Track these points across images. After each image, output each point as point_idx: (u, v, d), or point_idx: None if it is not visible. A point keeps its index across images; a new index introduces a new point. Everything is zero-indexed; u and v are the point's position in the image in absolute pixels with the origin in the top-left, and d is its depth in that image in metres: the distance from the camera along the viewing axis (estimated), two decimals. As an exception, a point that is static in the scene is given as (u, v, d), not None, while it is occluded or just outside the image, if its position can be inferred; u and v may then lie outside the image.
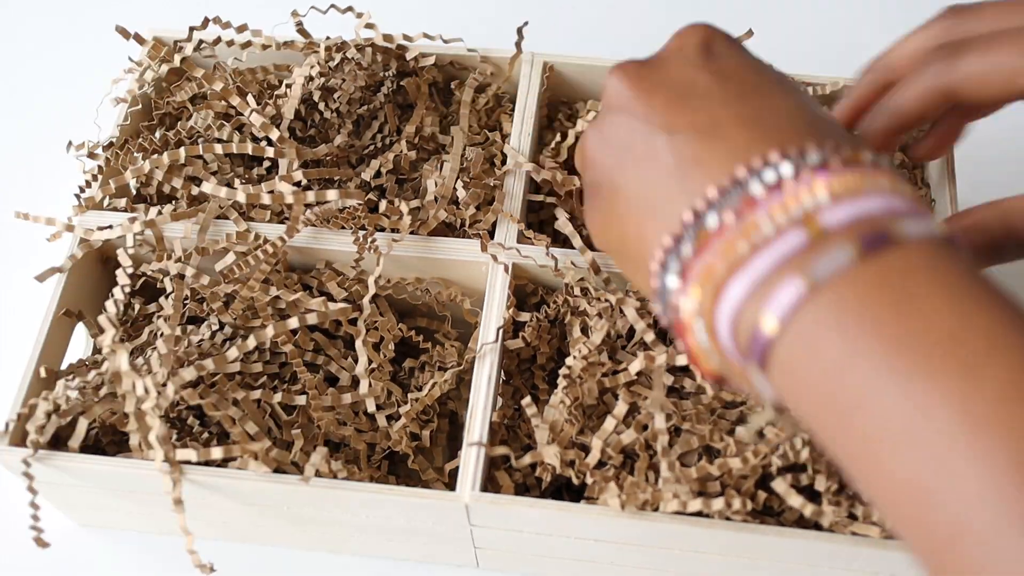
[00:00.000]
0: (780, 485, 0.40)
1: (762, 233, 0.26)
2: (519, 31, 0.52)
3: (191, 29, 0.53)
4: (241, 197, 0.47)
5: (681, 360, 0.43)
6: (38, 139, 0.64)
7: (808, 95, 0.33)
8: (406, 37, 0.53)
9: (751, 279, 0.26)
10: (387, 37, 0.53)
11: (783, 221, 0.26)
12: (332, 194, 0.46)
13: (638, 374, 0.43)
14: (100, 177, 0.50)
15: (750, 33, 0.51)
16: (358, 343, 0.45)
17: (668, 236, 0.29)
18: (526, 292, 0.48)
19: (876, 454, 0.24)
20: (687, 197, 0.29)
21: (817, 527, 0.41)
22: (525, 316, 0.46)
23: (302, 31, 0.53)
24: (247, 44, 0.53)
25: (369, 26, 0.52)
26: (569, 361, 0.44)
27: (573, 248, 0.47)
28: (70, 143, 0.50)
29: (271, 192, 0.47)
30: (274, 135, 0.49)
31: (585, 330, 0.46)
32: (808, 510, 0.40)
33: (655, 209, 0.31)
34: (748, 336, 0.27)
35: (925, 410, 0.23)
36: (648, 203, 0.31)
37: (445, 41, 0.53)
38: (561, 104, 0.55)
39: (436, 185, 0.49)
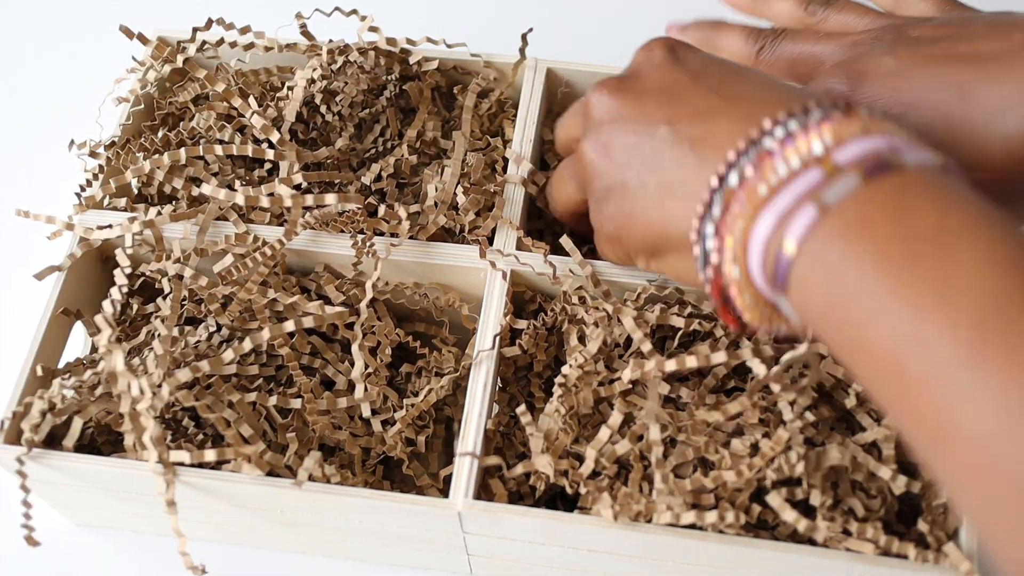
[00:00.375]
0: (775, 499, 0.40)
1: (779, 175, 0.29)
2: (523, 37, 0.52)
3: (194, 30, 0.53)
4: (240, 199, 0.47)
5: (672, 366, 0.42)
6: (38, 139, 0.64)
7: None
8: (409, 41, 0.53)
9: (775, 215, 0.29)
10: (390, 41, 0.53)
11: (797, 164, 0.29)
12: (331, 198, 0.46)
13: (634, 383, 0.43)
14: (101, 176, 0.50)
15: None
16: (354, 348, 0.45)
17: (699, 204, 0.32)
18: (524, 299, 0.48)
19: (871, 341, 0.27)
20: (707, 169, 0.32)
21: (811, 542, 0.41)
22: (522, 323, 0.46)
23: (306, 33, 0.53)
24: (250, 46, 0.53)
25: (372, 29, 0.52)
26: (565, 370, 0.44)
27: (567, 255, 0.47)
28: (72, 142, 0.50)
29: (270, 195, 0.47)
30: (275, 137, 0.49)
31: (582, 339, 0.45)
32: (802, 525, 0.40)
33: (676, 189, 0.34)
34: (773, 266, 0.30)
35: (911, 294, 0.26)
36: (668, 187, 0.34)
37: (448, 46, 0.53)
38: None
39: (436, 190, 0.49)
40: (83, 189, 0.50)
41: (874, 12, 0.45)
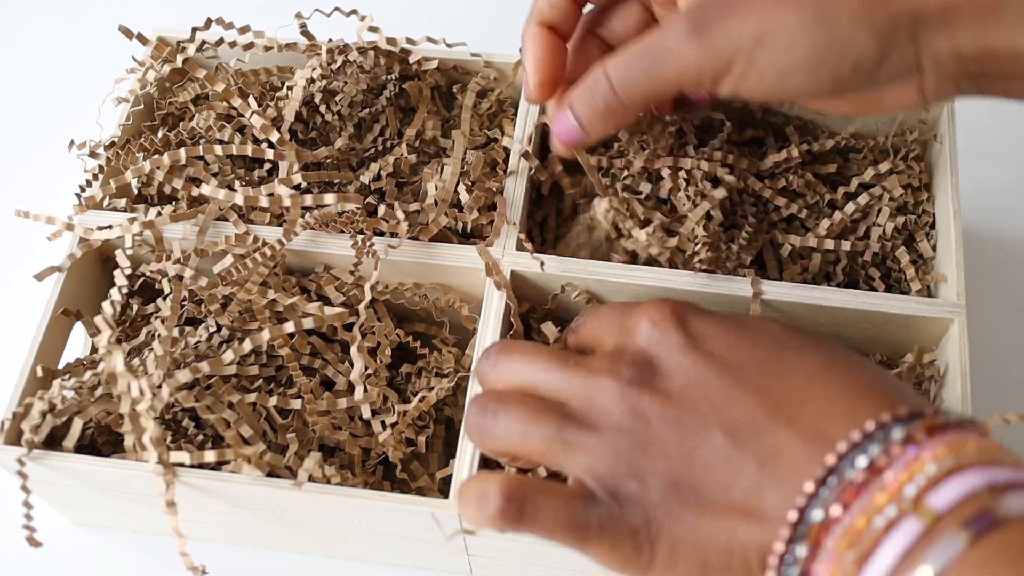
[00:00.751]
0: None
1: (876, 527, 0.27)
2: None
3: (194, 30, 0.53)
4: (239, 199, 0.47)
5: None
6: (39, 139, 0.65)
7: (818, 345, 0.32)
8: (409, 41, 0.53)
9: (880, 573, 0.26)
10: (390, 40, 0.53)
11: (893, 512, 0.27)
12: (330, 198, 0.46)
13: None
14: (101, 177, 0.50)
15: None
16: (353, 349, 0.45)
17: (780, 542, 0.28)
18: (525, 299, 0.48)
19: None
20: (783, 495, 0.29)
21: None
22: (551, 331, 0.46)
23: (306, 33, 0.53)
24: (249, 45, 0.53)
25: (372, 29, 0.52)
26: None
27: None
28: (72, 142, 0.50)
29: (270, 195, 0.47)
30: (274, 137, 0.49)
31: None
32: None
33: (744, 515, 0.30)
34: None
35: None
36: (733, 511, 0.30)
37: (448, 45, 0.53)
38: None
39: (436, 188, 0.49)
40: (83, 189, 0.50)
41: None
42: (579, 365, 0.34)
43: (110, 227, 0.48)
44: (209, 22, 0.52)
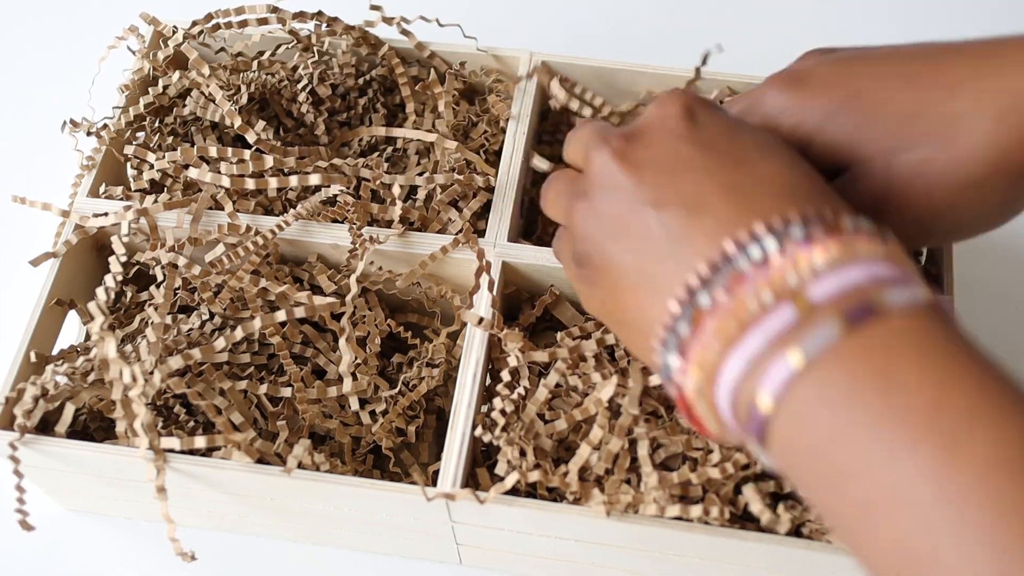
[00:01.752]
0: (749, 490, 0.41)
1: (751, 311, 0.28)
2: (531, 68, 0.52)
3: (193, 23, 0.53)
4: (225, 181, 0.47)
5: (655, 380, 0.42)
6: (33, 127, 0.65)
7: (789, 151, 0.33)
8: (404, 32, 0.53)
9: (745, 358, 0.27)
10: (386, 20, 0.53)
11: (770, 299, 0.27)
12: (315, 178, 0.47)
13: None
14: (96, 165, 0.50)
15: (720, 48, 0.50)
16: (342, 341, 0.45)
17: (667, 315, 0.30)
18: (520, 299, 0.49)
19: (866, 522, 0.25)
20: (680, 272, 0.30)
21: (798, 535, 0.41)
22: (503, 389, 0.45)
23: (293, 32, 0.53)
24: (244, 24, 0.53)
25: (375, 8, 0.52)
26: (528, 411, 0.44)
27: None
28: (64, 123, 0.50)
29: (259, 175, 0.47)
30: (251, 137, 0.49)
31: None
32: (765, 517, 0.40)
33: (652, 283, 0.32)
34: (746, 413, 0.28)
35: (909, 483, 0.24)
36: (645, 277, 0.32)
37: (441, 25, 0.53)
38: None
39: (428, 182, 0.50)
40: (79, 178, 0.50)
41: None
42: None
43: (106, 214, 0.48)
44: (209, 16, 0.52)
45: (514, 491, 0.42)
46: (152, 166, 0.50)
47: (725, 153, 0.33)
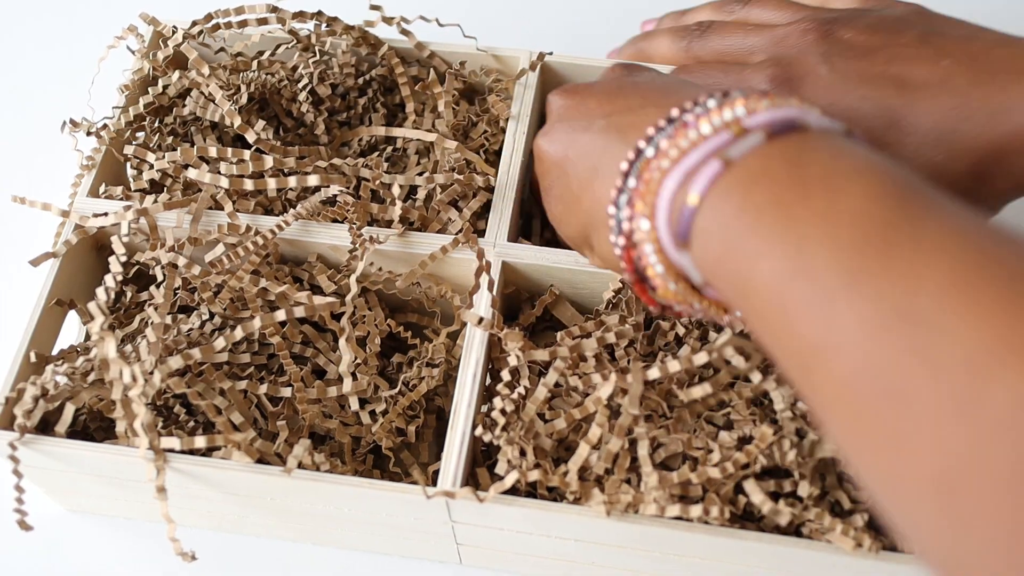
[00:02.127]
0: (750, 486, 0.41)
1: (690, 139, 0.31)
2: (532, 60, 0.52)
3: (193, 23, 0.53)
4: (224, 182, 0.47)
5: (655, 374, 0.42)
6: (33, 127, 0.65)
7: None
8: (404, 32, 0.53)
9: (682, 172, 0.31)
10: (387, 20, 0.53)
11: (708, 129, 0.31)
12: (314, 178, 0.47)
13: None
14: (96, 165, 0.50)
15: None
16: (342, 341, 0.45)
17: (618, 177, 0.33)
18: (515, 291, 0.48)
19: (759, 280, 0.27)
20: (629, 147, 0.33)
21: (797, 534, 0.41)
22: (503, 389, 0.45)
23: (293, 32, 0.53)
24: (243, 24, 0.53)
25: (375, 8, 0.52)
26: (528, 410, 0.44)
27: (564, 248, 0.47)
28: (64, 123, 0.50)
29: (259, 176, 0.47)
30: (251, 137, 0.49)
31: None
32: (766, 507, 0.40)
33: (602, 169, 0.36)
34: (677, 219, 0.30)
35: (798, 229, 0.27)
36: (596, 170, 0.36)
37: (440, 24, 0.53)
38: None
39: (428, 182, 0.50)
40: (79, 178, 0.50)
41: (794, 5, 0.47)
42: None
43: (105, 214, 0.48)
44: (209, 17, 0.52)
45: (514, 491, 0.42)
46: (152, 166, 0.50)
47: (659, 83, 0.38)
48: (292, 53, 0.54)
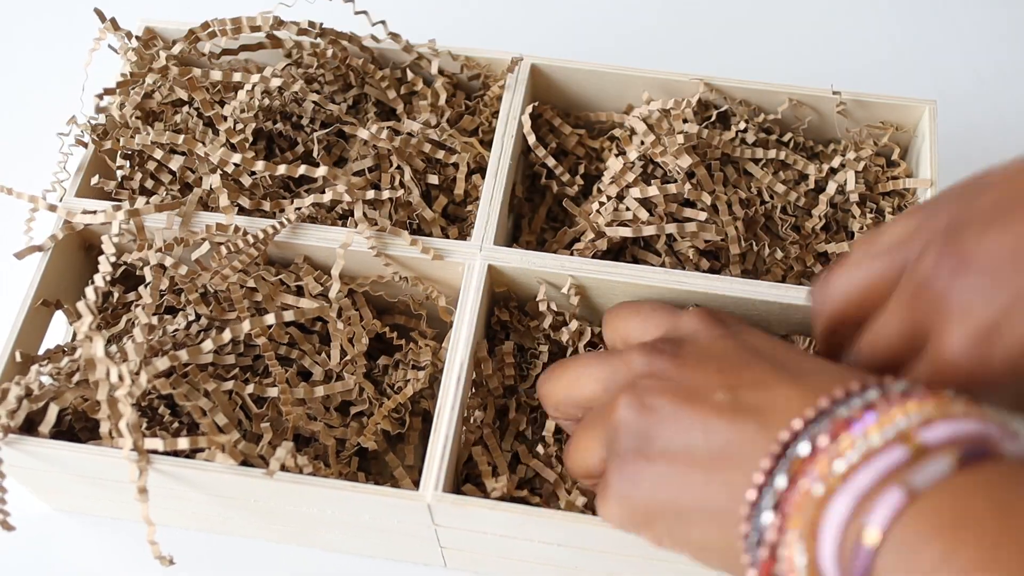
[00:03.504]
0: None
1: (859, 450, 0.27)
2: (513, 61, 0.52)
3: (190, 31, 0.53)
4: (216, 182, 0.47)
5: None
6: (28, 127, 0.65)
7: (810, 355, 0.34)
8: (393, 36, 0.53)
9: (853, 495, 0.26)
10: (376, 24, 0.53)
11: (878, 440, 0.27)
12: (321, 169, 0.47)
13: None
14: (87, 164, 0.50)
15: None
16: (333, 343, 0.45)
17: (759, 473, 0.28)
18: (503, 292, 0.48)
19: None
20: (766, 436, 0.29)
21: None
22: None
23: (272, 37, 0.53)
24: (238, 32, 0.52)
25: (359, 12, 0.52)
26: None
27: (548, 252, 0.47)
28: (63, 125, 0.50)
29: (251, 174, 0.47)
30: (236, 158, 0.48)
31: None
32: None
33: (730, 457, 0.30)
34: (850, 551, 0.26)
35: None
36: (721, 453, 0.31)
37: (430, 30, 0.54)
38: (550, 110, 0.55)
39: (415, 184, 0.50)
40: (69, 175, 0.50)
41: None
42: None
43: (95, 212, 0.48)
44: (206, 24, 0.52)
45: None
46: (143, 166, 0.50)
47: (771, 348, 0.33)
48: (283, 62, 0.53)
